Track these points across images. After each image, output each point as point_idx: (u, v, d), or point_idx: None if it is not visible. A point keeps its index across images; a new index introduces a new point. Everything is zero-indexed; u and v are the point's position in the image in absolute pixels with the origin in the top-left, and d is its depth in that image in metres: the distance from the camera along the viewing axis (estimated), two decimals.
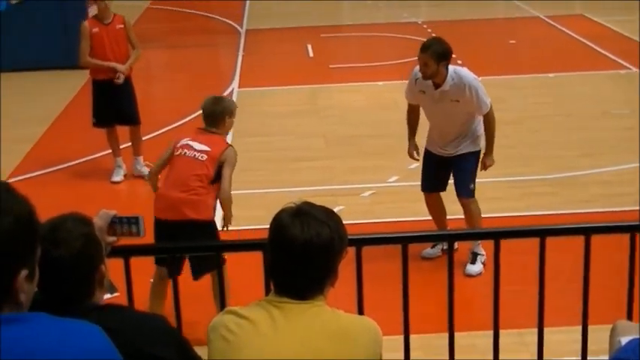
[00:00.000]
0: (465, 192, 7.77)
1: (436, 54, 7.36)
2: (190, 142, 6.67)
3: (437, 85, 7.50)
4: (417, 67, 7.58)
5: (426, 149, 7.99)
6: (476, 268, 7.74)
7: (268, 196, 9.41)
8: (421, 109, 7.97)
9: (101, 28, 10.23)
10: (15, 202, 2.24)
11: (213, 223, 6.67)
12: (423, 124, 8.04)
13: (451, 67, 7.51)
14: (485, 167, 7.83)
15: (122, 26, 10.40)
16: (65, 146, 11.93)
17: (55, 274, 2.84)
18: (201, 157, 6.56)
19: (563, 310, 5.68)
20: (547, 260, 4.37)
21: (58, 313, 2.35)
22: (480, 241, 7.70)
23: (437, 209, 8.03)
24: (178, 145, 6.73)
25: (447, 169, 7.89)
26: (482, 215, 7.87)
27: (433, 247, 7.97)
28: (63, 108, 13.95)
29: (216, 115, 6.76)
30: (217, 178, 6.58)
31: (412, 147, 8.07)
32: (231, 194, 6.68)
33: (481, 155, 7.86)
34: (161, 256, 5.81)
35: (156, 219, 6.52)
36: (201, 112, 6.95)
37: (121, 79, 10.21)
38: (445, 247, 7.83)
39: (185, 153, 6.63)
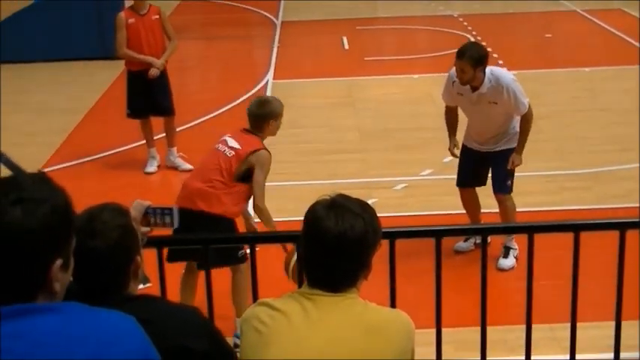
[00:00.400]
0: (502, 188, 7.74)
1: (472, 59, 7.29)
2: (227, 138, 6.68)
3: (474, 88, 7.46)
4: (454, 70, 7.55)
5: (463, 145, 7.96)
6: (508, 262, 7.70)
7: (301, 188, 9.42)
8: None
9: (137, 18, 10.27)
10: (51, 192, 2.26)
11: (226, 220, 6.49)
12: (462, 120, 8.01)
13: (488, 69, 7.46)
14: (513, 165, 7.71)
15: (158, 17, 10.43)
16: (99, 137, 11.99)
17: (91, 264, 2.86)
18: (230, 153, 6.55)
19: (597, 305, 5.66)
20: (581, 255, 4.36)
21: (92, 303, 2.36)
22: (513, 236, 7.66)
23: (472, 205, 8.01)
24: (220, 139, 6.76)
25: (485, 165, 7.87)
26: (517, 209, 7.85)
27: (466, 240, 7.96)
28: (97, 99, 14.02)
29: (259, 119, 6.68)
30: (244, 178, 6.52)
31: (452, 144, 8.00)
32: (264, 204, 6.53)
33: None
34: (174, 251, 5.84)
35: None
36: (235, 103, 6.92)
37: (155, 73, 10.24)
38: (478, 241, 7.81)
39: (218, 147, 6.65)
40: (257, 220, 6.90)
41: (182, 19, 20.54)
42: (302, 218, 3.14)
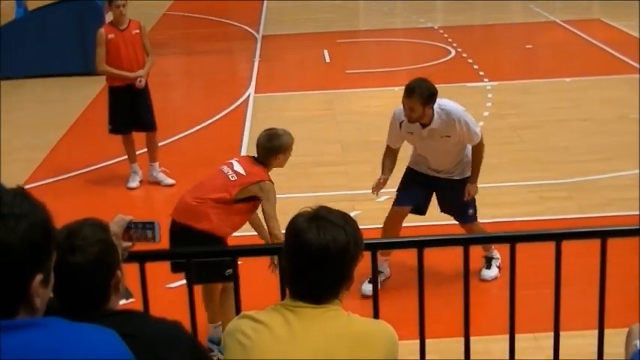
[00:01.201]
0: (467, 219, 7.61)
1: (422, 97, 7.07)
2: (234, 162, 6.66)
3: (424, 125, 7.24)
4: (400, 109, 7.35)
5: (410, 168, 7.71)
6: (492, 272, 7.68)
7: (285, 201, 9.38)
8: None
9: (117, 34, 10.26)
10: (31, 207, 2.25)
11: (215, 238, 6.42)
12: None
13: (436, 104, 7.21)
14: (470, 196, 7.49)
15: (138, 31, 10.42)
16: (81, 153, 11.96)
17: (71, 280, 2.85)
18: (232, 177, 6.51)
19: (579, 314, 5.68)
20: (563, 264, 4.37)
21: (73, 318, 2.35)
22: (492, 246, 7.65)
23: (395, 229, 7.60)
24: (227, 161, 6.75)
25: (431, 191, 7.64)
26: (498, 220, 7.87)
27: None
28: (79, 114, 13.99)
29: (267, 152, 6.66)
30: (240, 202, 6.52)
31: (382, 180, 7.57)
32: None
33: None
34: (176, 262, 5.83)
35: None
36: (217, 117, 6.89)
37: (142, 83, 10.24)
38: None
39: (223, 168, 6.62)
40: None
41: (164, 33, 20.54)
42: (284, 231, 3.15)
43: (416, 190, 7.62)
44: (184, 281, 4.40)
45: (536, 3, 23.13)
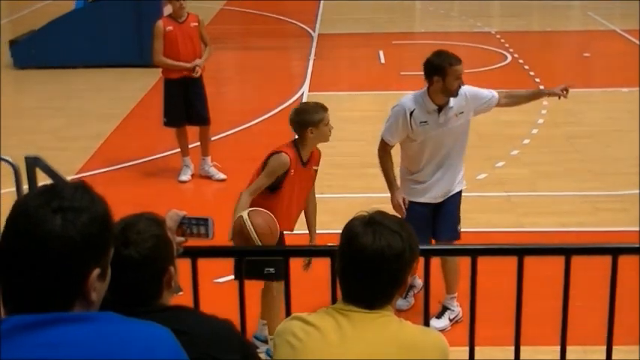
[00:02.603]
0: (454, 235, 7.16)
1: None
2: None
3: (440, 107, 6.97)
4: (406, 101, 7.09)
5: (411, 203, 7.20)
6: (441, 323, 7.14)
7: (336, 201, 9.40)
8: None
9: (175, 26, 10.31)
10: (91, 201, 2.25)
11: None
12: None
13: None
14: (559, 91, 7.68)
15: (196, 24, 10.48)
16: (134, 144, 12.04)
17: (124, 273, 2.84)
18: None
19: (633, 328, 5.60)
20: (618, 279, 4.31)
21: (126, 313, 2.35)
22: (454, 295, 7.28)
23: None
24: None
25: (432, 217, 7.25)
26: (551, 229, 7.74)
27: (405, 297, 7.31)
28: (134, 106, 14.09)
29: (298, 126, 6.54)
30: (273, 187, 6.45)
31: (401, 195, 7.21)
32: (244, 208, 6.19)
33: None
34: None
35: None
36: (270, 114, 6.84)
37: (198, 73, 10.28)
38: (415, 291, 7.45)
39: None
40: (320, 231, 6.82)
41: (220, 28, 20.60)
42: (336, 231, 3.12)
43: (423, 228, 6.89)
44: (232, 276, 4.38)
45: (595, 11, 22.91)
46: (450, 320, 7.22)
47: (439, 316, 7.18)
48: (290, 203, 6.57)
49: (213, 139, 11.01)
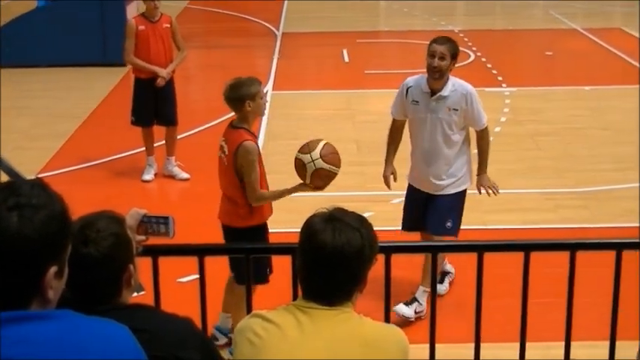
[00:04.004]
0: (442, 230, 7.22)
1: (453, 49, 6.98)
2: (221, 142, 6.63)
3: (434, 92, 7.07)
4: (411, 78, 7.25)
5: (409, 185, 7.52)
6: (443, 287, 7.48)
7: (298, 199, 9.36)
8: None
9: (147, 25, 10.28)
10: (49, 198, 2.25)
11: (248, 230, 6.43)
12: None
13: (451, 76, 7.14)
14: (482, 187, 7.31)
15: (169, 26, 10.45)
16: (97, 143, 11.98)
17: (83, 272, 2.84)
18: (225, 162, 6.49)
19: (591, 324, 5.65)
20: (577, 274, 4.35)
21: (84, 311, 2.35)
22: (446, 260, 7.54)
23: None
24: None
25: (425, 208, 7.38)
26: (514, 226, 7.81)
27: (441, 281, 7.56)
28: (97, 105, 14.02)
29: (233, 102, 6.57)
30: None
31: (389, 170, 7.56)
32: (265, 194, 6.42)
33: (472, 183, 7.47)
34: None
35: None
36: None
37: (162, 83, 10.24)
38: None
39: (219, 155, 6.60)
40: None
41: (184, 27, 20.43)
42: (298, 230, 3.13)
43: (416, 212, 7.39)
44: (196, 276, 4.39)
45: (557, 10, 23.07)
46: (416, 313, 7.13)
47: (408, 304, 7.15)
48: (264, 184, 6.59)
49: (177, 138, 10.98)
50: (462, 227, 7.91)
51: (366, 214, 3.25)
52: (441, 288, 7.43)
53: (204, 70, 17.78)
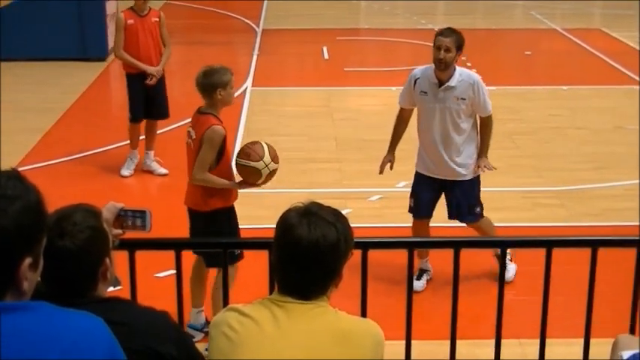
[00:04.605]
0: (475, 217, 7.52)
1: (458, 41, 7.20)
2: (189, 130, 6.68)
3: (441, 83, 7.26)
4: (419, 68, 7.48)
5: (417, 173, 7.64)
6: (419, 284, 7.51)
7: (276, 196, 9.40)
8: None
9: (136, 20, 10.24)
10: (24, 190, 2.24)
11: (219, 213, 6.50)
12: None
13: (457, 67, 7.33)
14: (480, 169, 7.44)
15: (157, 20, 10.43)
16: (75, 138, 11.94)
17: (59, 265, 2.84)
18: (192, 145, 6.54)
19: (567, 322, 5.69)
20: (553, 272, 4.37)
21: (60, 304, 2.35)
22: (427, 258, 7.62)
23: (424, 234, 7.60)
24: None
25: (439, 194, 7.56)
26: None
27: (419, 278, 7.61)
28: (75, 100, 13.96)
29: (206, 89, 6.63)
30: (216, 163, 6.47)
31: (388, 158, 7.75)
32: (209, 176, 6.39)
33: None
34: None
35: None
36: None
37: (153, 81, 10.21)
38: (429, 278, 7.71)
39: (187, 142, 6.66)
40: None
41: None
42: (274, 226, 3.14)
43: (427, 197, 7.55)
44: (173, 271, 4.39)
45: (537, 10, 23.16)
46: (427, 280, 7.56)
47: (418, 277, 7.52)
48: (230, 172, 6.64)
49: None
50: (437, 224, 7.96)
51: (343, 211, 3.25)
52: (418, 284, 7.45)
53: (184, 66, 17.69)
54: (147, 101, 10.38)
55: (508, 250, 7.55)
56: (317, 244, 3.01)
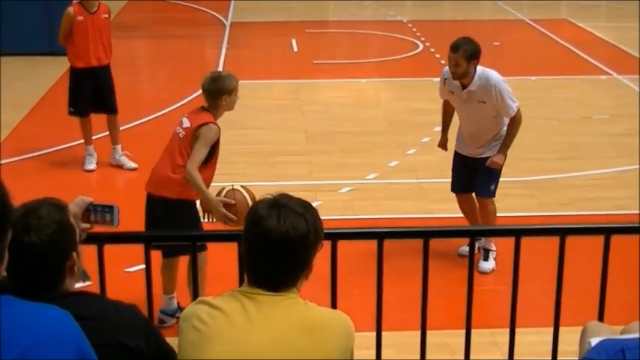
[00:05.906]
0: (485, 192, 7.76)
1: (467, 53, 7.43)
2: (183, 119, 6.71)
3: (464, 86, 7.55)
4: (447, 67, 7.68)
5: (455, 152, 7.99)
6: (489, 264, 7.65)
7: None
8: None
9: (86, 16, 10.16)
10: None
11: (186, 203, 6.55)
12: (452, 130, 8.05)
13: (479, 68, 7.57)
14: (493, 164, 7.64)
15: (107, 16, 10.36)
16: (42, 134, 11.86)
17: (25, 259, 2.82)
18: (182, 134, 6.55)
19: (536, 311, 5.71)
20: (522, 261, 4.39)
21: (27, 298, 2.34)
22: (491, 238, 7.70)
23: (468, 209, 7.97)
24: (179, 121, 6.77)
25: (474, 170, 7.84)
26: (458, 215, 7.89)
27: (486, 259, 7.77)
28: (43, 95, 13.88)
29: (212, 94, 6.66)
30: (207, 158, 6.48)
31: (443, 140, 8.22)
32: (196, 176, 6.36)
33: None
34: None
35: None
36: (182, 103, 6.88)
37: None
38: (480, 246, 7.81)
39: (175, 129, 6.65)
40: None
41: (132, 17, 20.42)
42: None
43: (463, 175, 7.89)
44: (143, 266, 4.38)
45: (505, 1, 23.24)
46: (494, 260, 7.65)
47: (485, 258, 7.64)
48: (212, 176, 6.67)
49: (124, 128, 10.93)
50: (407, 215, 7.98)
51: (313, 204, 3.25)
52: (487, 266, 7.61)
53: (152, 60, 17.67)
54: (94, 96, 10.34)
55: (492, 250, 7.64)
56: (287, 236, 3.01)
